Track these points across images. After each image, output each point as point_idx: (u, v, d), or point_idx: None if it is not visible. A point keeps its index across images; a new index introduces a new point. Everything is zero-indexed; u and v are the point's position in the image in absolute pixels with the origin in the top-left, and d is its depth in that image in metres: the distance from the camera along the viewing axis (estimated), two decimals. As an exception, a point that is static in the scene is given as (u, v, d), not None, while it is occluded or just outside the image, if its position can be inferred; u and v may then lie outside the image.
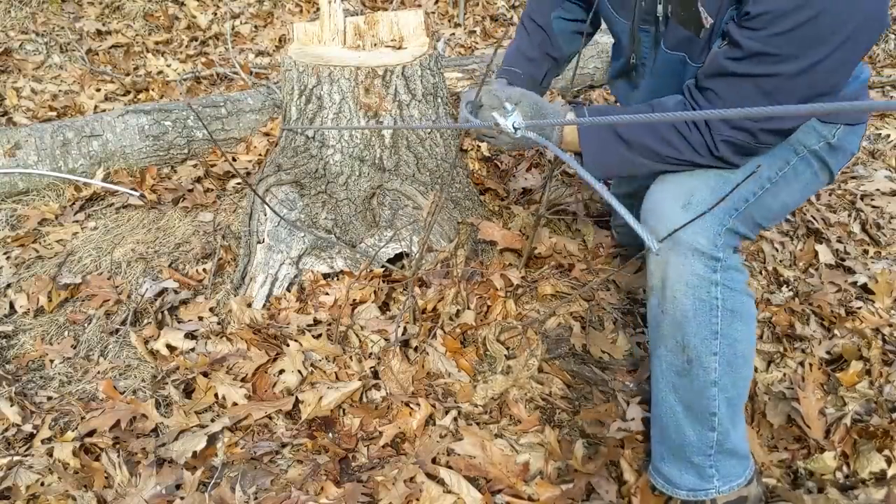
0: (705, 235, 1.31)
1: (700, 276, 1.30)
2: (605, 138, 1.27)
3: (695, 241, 1.30)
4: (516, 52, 1.85)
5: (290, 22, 4.52)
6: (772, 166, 1.39)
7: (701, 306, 1.32)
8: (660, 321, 1.39)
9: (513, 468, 1.61)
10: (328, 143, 2.24)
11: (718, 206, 1.26)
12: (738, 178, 1.34)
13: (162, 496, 1.55)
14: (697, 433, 1.40)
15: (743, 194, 1.36)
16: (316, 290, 2.10)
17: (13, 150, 2.64)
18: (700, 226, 1.30)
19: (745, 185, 1.33)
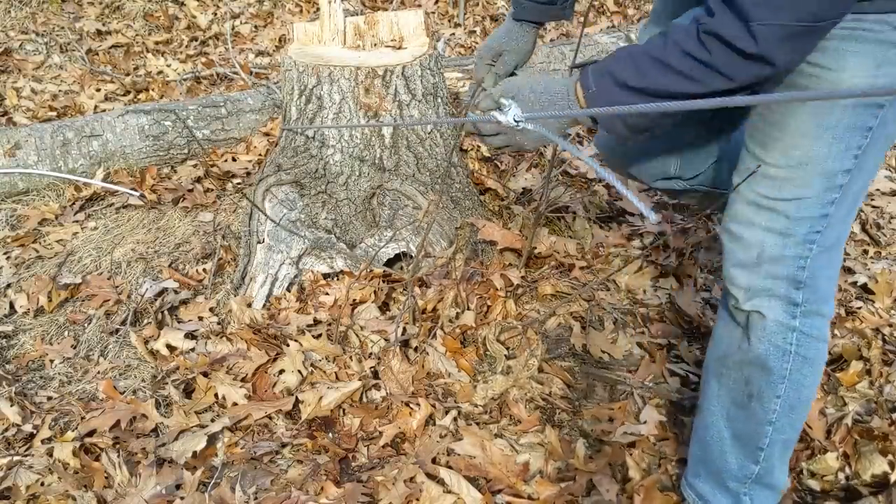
0: (785, 279, 1.22)
1: (779, 322, 1.24)
2: (615, 97, 1.05)
3: (774, 287, 1.23)
4: None
5: (290, 22, 4.52)
6: (843, 156, 1.14)
7: (774, 351, 1.26)
8: (727, 351, 1.33)
9: (513, 468, 1.61)
10: (328, 143, 2.24)
11: (793, 242, 1.18)
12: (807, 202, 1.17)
13: (162, 496, 1.55)
14: (739, 463, 1.36)
15: (815, 219, 1.19)
16: (316, 290, 2.10)
17: (13, 150, 2.64)
18: (778, 270, 1.22)
19: (814, 207, 1.18)
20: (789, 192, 1.16)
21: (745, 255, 1.23)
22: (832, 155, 1.11)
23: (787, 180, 1.16)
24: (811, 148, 1.12)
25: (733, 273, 1.26)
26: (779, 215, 1.18)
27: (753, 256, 1.22)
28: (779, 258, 1.20)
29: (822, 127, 1.10)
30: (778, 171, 1.16)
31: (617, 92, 1.04)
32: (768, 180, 1.17)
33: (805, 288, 1.23)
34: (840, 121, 1.09)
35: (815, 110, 1.09)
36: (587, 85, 1.08)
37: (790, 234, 1.18)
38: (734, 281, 1.26)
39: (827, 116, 1.09)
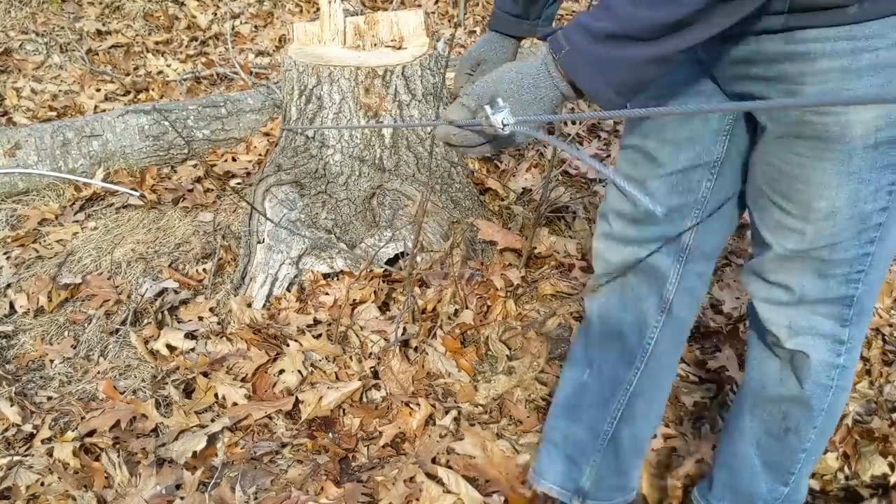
0: (830, 317, 1.14)
1: (824, 362, 1.18)
2: (593, 52, 0.89)
3: (819, 326, 1.15)
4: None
5: (290, 22, 4.52)
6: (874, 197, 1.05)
7: (817, 390, 1.20)
8: (765, 385, 1.27)
9: (513, 470, 1.60)
10: (328, 143, 2.24)
11: (836, 283, 1.10)
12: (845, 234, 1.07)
13: (162, 496, 1.55)
14: (769, 487, 1.33)
15: (856, 258, 1.10)
16: (316, 290, 2.10)
17: (13, 150, 2.64)
18: (822, 309, 1.14)
19: (852, 248, 1.09)
20: (822, 240, 1.08)
21: (783, 296, 1.16)
22: (861, 198, 1.03)
23: (816, 231, 1.07)
24: (837, 197, 1.03)
25: (769, 313, 1.18)
26: (813, 260, 1.10)
27: (794, 298, 1.14)
28: (821, 300, 1.13)
29: (844, 174, 1.01)
30: (806, 224, 1.07)
31: (593, 45, 0.89)
32: (797, 235, 1.09)
33: (851, 325, 1.15)
34: (862, 164, 1.00)
35: (833, 160, 1.00)
36: (558, 46, 0.92)
37: (830, 276, 1.11)
38: (772, 320, 1.18)
39: (847, 163, 1.00)
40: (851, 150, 0.98)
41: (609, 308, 1.34)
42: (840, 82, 0.95)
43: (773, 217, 1.11)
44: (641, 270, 1.29)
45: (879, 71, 0.93)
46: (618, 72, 0.90)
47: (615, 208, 1.28)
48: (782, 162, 1.06)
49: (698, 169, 1.20)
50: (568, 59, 0.91)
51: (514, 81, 0.95)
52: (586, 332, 1.39)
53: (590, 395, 1.37)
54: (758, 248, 1.17)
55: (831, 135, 0.98)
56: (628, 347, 1.33)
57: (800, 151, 1.02)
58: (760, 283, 1.17)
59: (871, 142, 0.98)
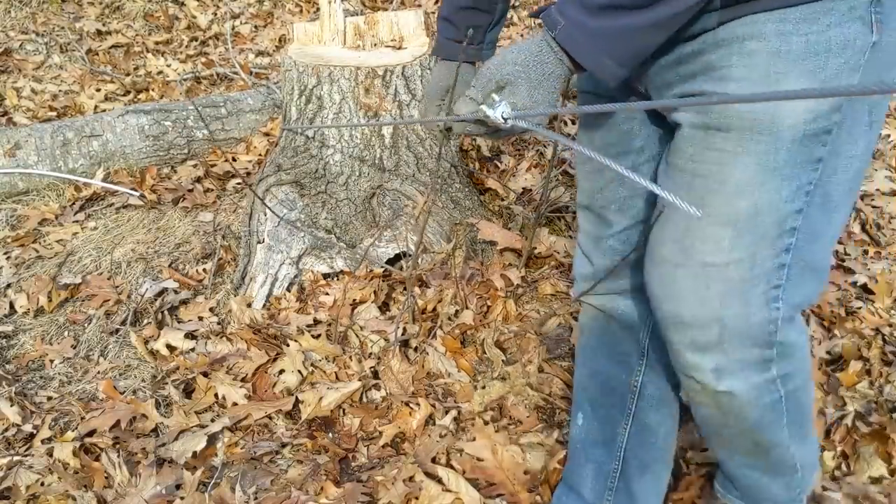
0: (756, 346, 1.03)
1: (756, 384, 1.07)
2: (590, 24, 0.86)
3: (746, 358, 1.04)
4: None
5: (290, 22, 4.52)
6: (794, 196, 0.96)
7: (766, 411, 1.10)
8: (721, 430, 1.17)
9: (521, 476, 1.60)
10: (328, 143, 2.24)
11: (756, 307, 1.00)
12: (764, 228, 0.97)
13: (162, 496, 1.55)
14: (785, 484, 1.27)
15: (773, 271, 1.00)
16: (316, 290, 2.10)
17: (13, 150, 2.64)
18: (746, 342, 1.03)
19: (769, 259, 0.99)
20: (741, 249, 0.97)
21: (703, 337, 1.03)
22: (783, 198, 0.95)
23: (736, 237, 0.97)
24: (760, 195, 0.94)
25: (693, 359, 1.05)
26: (733, 281, 0.99)
27: (714, 336, 1.02)
28: (744, 330, 1.02)
29: (768, 170, 0.93)
30: (724, 229, 0.97)
31: (587, 18, 0.85)
32: (712, 243, 0.98)
33: (778, 344, 1.05)
34: (787, 159, 0.92)
35: (759, 153, 0.92)
36: (553, 23, 0.88)
37: (749, 299, 1.00)
38: (698, 367, 1.05)
39: (772, 157, 0.92)
40: (778, 143, 0.91)
41: (596, 351, 1.37)
42: (768, 66, 0.89)
43: (679, 230, 1.01)
44: (617, 319, 1.32)
45: (810, 56, 0.88)
46: (616, 42, 0.87)
47: (580, 272, 1.33)
48: (696, 162, 0.97)
49: (646, 223, 1.20)
50: (565, 34, 0.88)
51: (518, 63, 0.91)
52: (578, 371, 1.42)
53: (593, 435, 1.39)
54: (662, 275, 1.06)
55: (759, 125, 0.91)
56: (619, 392, 1.34)
57: (719, 146, 0.93)
58: (673, 319, 1.05)
59: (799, 134, 0.91)
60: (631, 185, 1.18)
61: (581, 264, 1.33)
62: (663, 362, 1.30)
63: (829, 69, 0.88)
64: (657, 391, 1.33)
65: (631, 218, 1.22)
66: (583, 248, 1.32)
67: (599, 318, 1.35)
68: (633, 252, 1.22)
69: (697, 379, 1.07)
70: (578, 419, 1.41)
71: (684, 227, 1.00)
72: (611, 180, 1.21)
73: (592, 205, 1.26)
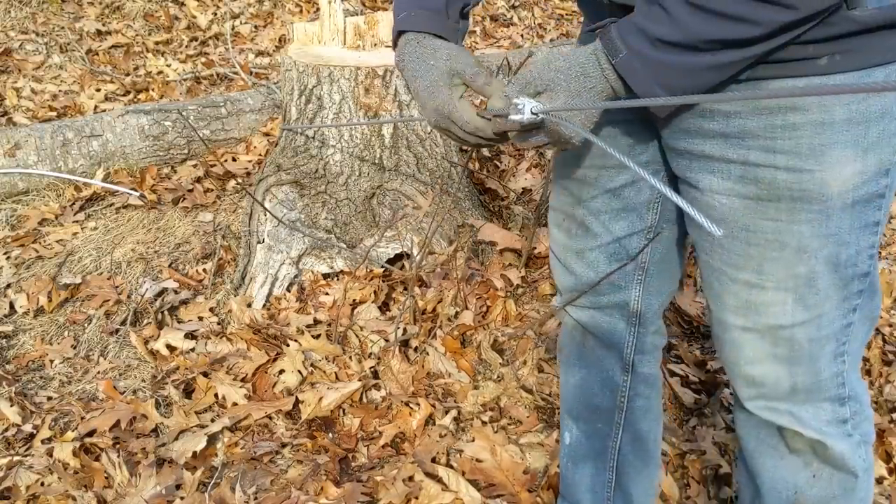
0: (828, 401, 1.06)
1: (842, 446, 1.08)
2: (652, 57, 0.85)
3: (813, 410, 1.06)
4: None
5: (290, 22, 4.52)
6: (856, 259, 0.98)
7: (850, 478, 1.10)
8: (797, 486, 1.13)
9: (520, 477, 1.60)
10: (328, 143, 2.24)
11: (825, 363, 1.03)
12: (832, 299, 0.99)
13: (162, 496, 1.55)
14: None
15: (840, 331, 1.02)
16: (316, 290, 2.10)
17: (13, 150, 2.64)
18: (818, 396, 1.05)
19: (836, 320, 1.01)
20: (805, 312, 0.99)
21: (775, 393, 1.07)
22: (842, 262, 0.96)
23: (799, 300, 0.98)
24: (816, 261, 0.96)
25: (766, 413, 1.09)
26: (800, 343, 1.01)
27: (785, 392, 1.06)
28: (814, 385, 1.04)
29: (822, 236, 0.95)
30: (786, 294, 0.99)
31: (652, 51, 0.84)
32: (777, 307, 1.00)
33: (850, 400, 1.08)
34: (840, 225, 0.94)
35: (811, 221, 0.94)
36: (614, 49, 0.87)
37: (818, 357, 1.02)
38: (772, 418, 1.09)
39: (825, 224, 0.94)
40: (829, 210, 0.93)
41: (576, 369, 1.34)
42: (814, 137, 0.90)
43: (741, 298, 1.02)
44: (598, 336, 1.28)
45: (853, 126, 0.89)
46: (675, 77, 0.87)
47: (562, 283, 1.28)
48: (750, 231, 0.98)
49: (634, 236, 1.18)
50: (626, 63, 0.87)
51: (561, 70, 0.89)
52: (562, 388, 1.39)
53: (583, 451, 1.37)
54: (733, 339, 1.07)
55: (807, 194, 0.92)
56: (605, 408, 1.32)
57: (773, 216, 0.95)
58: (746, 379, 1.08)
59: (849, 200, 0.93)
60: (627, 197, 1.15)
61: (562, 274, 1.28)
62: (649, 372, 1.31)
63: (870, 137, 0.90)
64: (645, 402, 1.32)
65: (621, 230, 1.17)
66: (560, 258, 1.26)
67: (577, 337, 1.32)
68: (621, 268, 1.19)
69: (782, 424, 1.08)
70: (566, 438, 1.39)
71: (746, 294, 1.02)
72: (605, 191, 1.15)
73: (575, 214, 1.19)
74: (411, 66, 1.01)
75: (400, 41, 1.04)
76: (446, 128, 1.00)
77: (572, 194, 1.19)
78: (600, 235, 1.18)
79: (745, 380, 1.08)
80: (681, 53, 0.84)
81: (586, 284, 1.23)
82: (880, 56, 0.87)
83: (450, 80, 0.99)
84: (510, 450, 1.66)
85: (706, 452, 1.69)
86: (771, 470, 1.14)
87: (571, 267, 1.24)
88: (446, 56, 0.99)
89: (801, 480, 1.12)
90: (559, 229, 1.24)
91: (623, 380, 1.30)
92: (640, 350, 1.28)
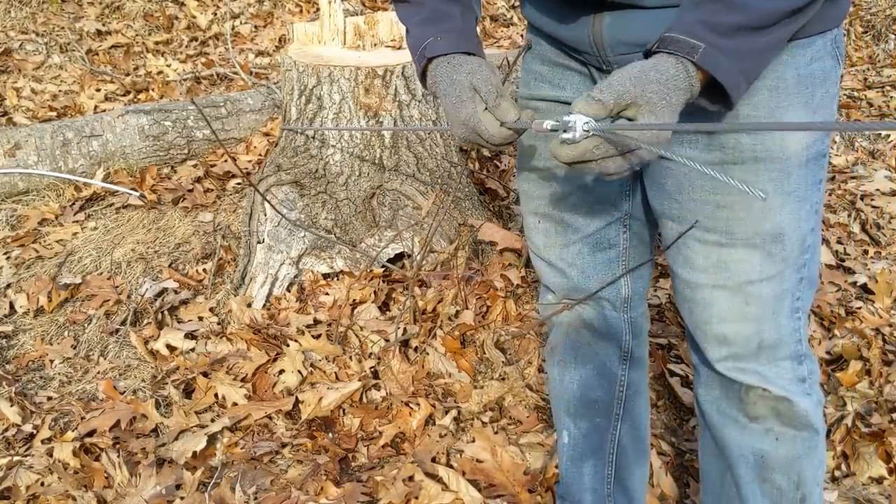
0: (788, 359, 1.11)
1: (803, 404, 1.12)
2: (730, 46, 0.86)
3: (776, 367, 1.11)
4: None
5: (290, 22, 4.52)
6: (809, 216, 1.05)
7: (812, 436, 1.14)
8: (764, 452, 1.17)
9: (520, 477, 1.60)
10: (328, 143, 2.24)
11: (784, 318, 1.08)
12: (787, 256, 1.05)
13: (162, 496, 1.55)
14: None
15: (794, 286, 1.08)
16: (316, 290, 2.10)
17: (13, 150, 2.64)
18: (780, 352, 1.10)
19: (793, 275, 1.07)
20: (771, 267, 1.05)
21: (744, 350, 1.11)
22: (801, 217, 1.03)
23: (766, 256, 1.04)
24: (781, 219, 1.02)
25: (734, 372, 1.12)
26: (766, 298, 1.07)
27: (753, 348, 1.10)
28: (776, 341, 1.10)
29: (784, 194, 1.01)
30: (754, 251, 1.04)
31: (726, 40, 0.84)
32: (746, 264, 1.05)
33: (806, 359, 1.13)
34: (799, 182, 1.01)
35: (774, 180, 1.00)
36: (691, 48, 0.85)
37: (780, 311, 1.08)
38: (740, 378, 1.12)
39: (785, 182, 1.00)
40: (789, 168, 0.99)
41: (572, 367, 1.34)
42: (769, 101, 0.97)
43: (711, 258, 1.06)
44: (593, 328, 1.29)
45: (802, 88, 0.97)
46: (748, 62, 0.87)
47: (551, 284, 1.28)
48: (718, 194, 1.02)
49: (613, 225, 1.21)
50: (708, 57, 0.85)
51: (659, 82, 0.85)
52: (554, 390, 1.39)
53: (582, 448, 1.38)
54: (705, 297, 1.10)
55: (769, 153, 0.98)
56: (604, 401, 1.33)
57: (738, 177, 0.94)
58: (717, 337, 1.11)
59: (803, 158, 1.00)
60: (601, 189, 1.17)
61: (551, 275, 1.28)
62: (640, 356, 1.34)
63: (816, 98, 0.98)
64: (636, 386, 1.35)
65: (600, 222, 1.20)
66: (545, 258, 1.26)
67: (571, 334, 1.32)
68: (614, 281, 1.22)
69: (751, 383, 1.11)
70: (564, 437, 1.39)
71: (717, 254, 1.06)
72: (578, 186, 1.17)
73: (551, 214, 1.21)
74: (442, 86, 1.04)
75: (430, 67, 1.07)
76: (475, 141, 1.02)
77: (543, 195, 1.21)
78: (581, 229, 1.21)
79: (717, 338, 1.11)
80: (751, 35, 0.86)
81: (575, 282, 1.25)
82: (820, 25, 0.96)
83: (473, 94, 1.01)
84: (510, 450, 1.66)
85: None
86: (737, 438, 1.18)
87: (557, 265, 1.26)
88: (468, 71, 1.02)
89: (767, 445, 1.16)
90: (537, 232, 1.25)
91: (622, 369, 1.32)
92: (634, 335, 1.32)
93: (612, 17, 0.98)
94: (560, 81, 1.14)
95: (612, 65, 1.02)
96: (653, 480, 1.61)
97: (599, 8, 0.98)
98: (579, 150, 0.84)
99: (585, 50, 1.04)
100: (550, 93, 1.16)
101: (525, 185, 1.24)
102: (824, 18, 0.95)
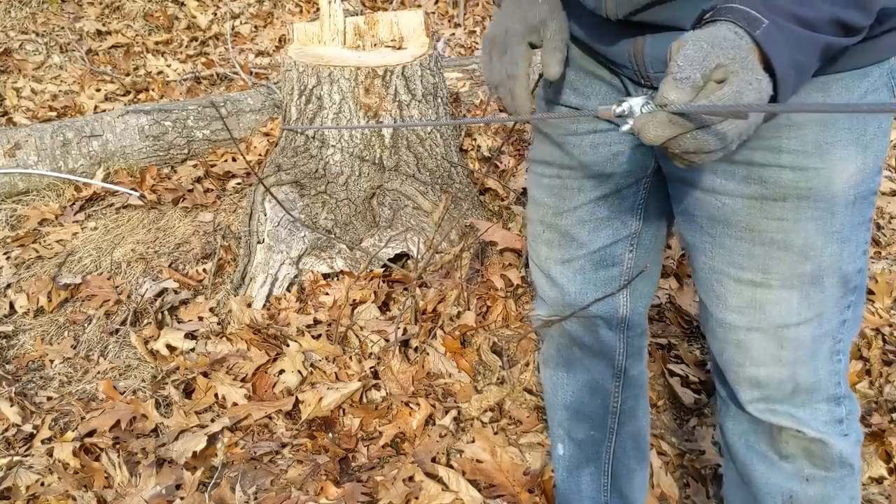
0: (825, 401, 1.06)
1: (840, 447, 1.07)
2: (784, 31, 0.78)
3: (811, 410, 1.06)
4: None
5: (290, 22, 4.52)
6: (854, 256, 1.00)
7: (848, 478, 1.10)
8: (795, 501, 1.12)
9: (520, 478, 1.60)
10: (328, 143, 2.24)
11: (823, 361, 1.03)
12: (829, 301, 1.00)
13: (162, 496, 1.55)
14: None
15: (836, 329, 1.03)
16: (316, 291, 2.10)
17: (13, 150, 2.64)
18: (816, 397, 1.05)
19: (834, 318, 1.02)
20: (809, 310, 1.00)
21: (778, 394, 1.06)
22: (845, 259, 0.98)
23: (804, 298, 0.99)
24: (822, 259, 0.97)
25: (767, 415, 1.08)
26: (803, 342, 1.01)
27: (788, 392, 1.05)
28: (813, 385, 1.05)
29: (827, 233, 0.96)
30: (791, 292, 0.99)
31: (787, 23, 0.77)
32: (783, 306, 1.00)
33: (845, 399, 1.08)
34: (844, 222, 0.96)
35: (817, 219, 0.95)
36: (754, 21, 0.77)
37: (818, 355, 1.03)
38: (772, 420, 1.07)
39: (830, 221, 0.95)
40: (833, 208, 0.94)
41: (565, 380, 1.32)
42: (817, 136, 0.91)
43: (745, 298, 1.02)
44: (586, 346, 1.26)
45: (855, 123, 0.91)
46: (802, 56, 0.79)
47: (545, 295, 1.25)
48: (755, 231, 0.97)
49: (619, 243, 1.16)
50: (770, 34, 0.76)
51: (734, 47, 0.75)
52: (549, 401, 1.37)
53: (578, 459, 1.36)
54: (740, 340, 1.06)
55: (813, 192, 0.93)
56: (597, 416, 1.31)
57: (778, 215, 0.95)
58: (749, 381, 1.07)
59: (851, 197, 0.94)
60: (612, 205, 1.13)
61: (546, 286, 1.24)
62: (637, 374, 1.31)
63: (868, 134, 0.92)
64: (634, 402, 1.32)
65: (606, 238, 1.15)
66: (544, 270, 1.23)
67: (563, 347, 1.29)
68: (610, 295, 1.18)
69: (783, 425, 1.07)
70: (559, 449, 1.37)
71: (751, 294, 1.01)
72: (589, 200, 1.12)
73: (557, 225, 1.16)
74: (506, 3, 1.00)
75: None
76: (502, 96, 0.98)
77: (553, 204, 1.16)
78: (586, 245, 1.16)
79: (750, 382, 1.06)
80: (809, 32, 0.79)
81: (571, 298, 1.20)
82: (876, 55, 0.90)
83: (528, 34, 0.97)
84: (510, 451, 1.66)
85: (705, 452, 1.69)
86: (764, 475, 1.13)
87: (555, 278, 1.21)
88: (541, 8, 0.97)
89: (795, 485, 1.11)
90: (539, 241, 1.20)
91: (615, 385, 1.29)
92: (629, 354, 1.28)
93: (654, 38, 0.94)
94: (586, 90, 1.09)
95: (651, 80, 0.97)
96: (653, 481, 1.60)
97: (641, 31, 0.94)
98: (670, 128, 0.74)
99: (624, 64, 0.99)
100: (574, 101, 1.10)
101: (535, 191, 1.20)
102: (881, 47, 0.90)
